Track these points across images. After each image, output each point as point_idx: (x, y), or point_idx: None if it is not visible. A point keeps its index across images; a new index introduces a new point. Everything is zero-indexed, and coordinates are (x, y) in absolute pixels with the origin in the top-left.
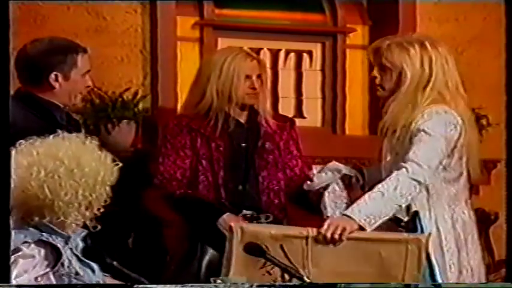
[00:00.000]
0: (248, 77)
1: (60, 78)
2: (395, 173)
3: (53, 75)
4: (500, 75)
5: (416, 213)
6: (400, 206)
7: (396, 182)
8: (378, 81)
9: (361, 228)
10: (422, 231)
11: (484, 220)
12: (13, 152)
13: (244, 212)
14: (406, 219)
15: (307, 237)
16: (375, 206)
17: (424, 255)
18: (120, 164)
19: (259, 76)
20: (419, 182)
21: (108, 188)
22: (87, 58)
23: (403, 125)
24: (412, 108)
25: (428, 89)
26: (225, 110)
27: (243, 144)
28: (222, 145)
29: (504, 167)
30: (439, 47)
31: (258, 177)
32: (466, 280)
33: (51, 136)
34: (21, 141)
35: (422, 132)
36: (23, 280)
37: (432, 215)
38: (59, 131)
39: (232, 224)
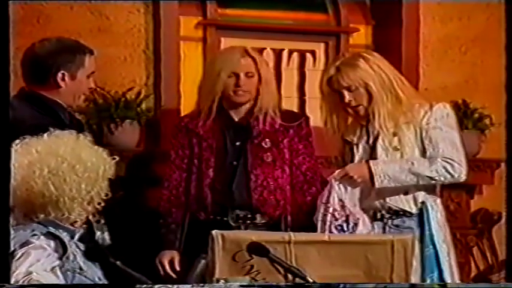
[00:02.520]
0: (235, 74)
1: (67, 78)
2: (434, 163)
3: (60, 74)
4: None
5: (423, 203)
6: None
7: (434, 172)
8: (353, 103)
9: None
10: (429, 224)
11: (487, 220)
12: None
13: (237, 212)
14: (414, 210)
15: (289, 242)
16: (398, 171)
17: (410, 256)
18: (117, 158)
19: (248, 74)
20: (452, 175)
21: (107, 182)
22: (93, 60)
23: (404, 122)
24: (401, 107)
25: (397, 87)
26: (218, 109)
27: (237, 143)
28: (213, 144)
29: (505, 167)
30: (374, 53)
31: (250, 175)
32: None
33: (45, 134)
34: (16, 141)
35: (440, 129)
36: (37, 268)
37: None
38: (51, 129)
39: (157, 260)
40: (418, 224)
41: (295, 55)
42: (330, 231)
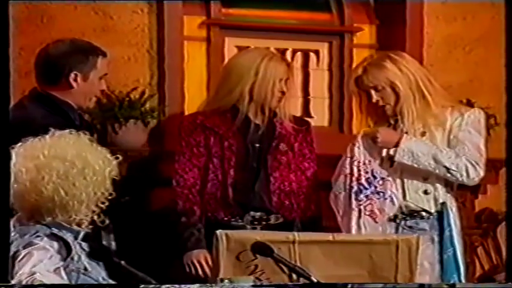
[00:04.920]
0: (281, 80)
1: (79, 78)
2: (458, 158)
3: (72, 75)
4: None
5: (443, 204)
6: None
7: (454, 165)
8: (381, 102)
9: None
10: (449, 225)
11: (491, 220)
12: (13, 153)
13: (252, 213)
14: (433, 210)
15: (293, 242)
16: (422, 153)
17: (415, 255)
18: (120, 158)
19: (287, 80)
20: (468, 176)
21: (110, 182)
22: (106, 62)
23: (433, 123)
24: (430, 109)
25: (424, 88)
26: (245, 111)
27: (257, 145)
28: (234, 144)
29: (505, 167)
30: (402, 54)
31: (270, 177)
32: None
33: (47, 136)
34: (18, 144)
35: (469, 132)
36: (40, 269)
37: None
38: (52, 130)
39: (195, 260)
40: (437, 225)
41: (298, 55)
42: (359, 183)
